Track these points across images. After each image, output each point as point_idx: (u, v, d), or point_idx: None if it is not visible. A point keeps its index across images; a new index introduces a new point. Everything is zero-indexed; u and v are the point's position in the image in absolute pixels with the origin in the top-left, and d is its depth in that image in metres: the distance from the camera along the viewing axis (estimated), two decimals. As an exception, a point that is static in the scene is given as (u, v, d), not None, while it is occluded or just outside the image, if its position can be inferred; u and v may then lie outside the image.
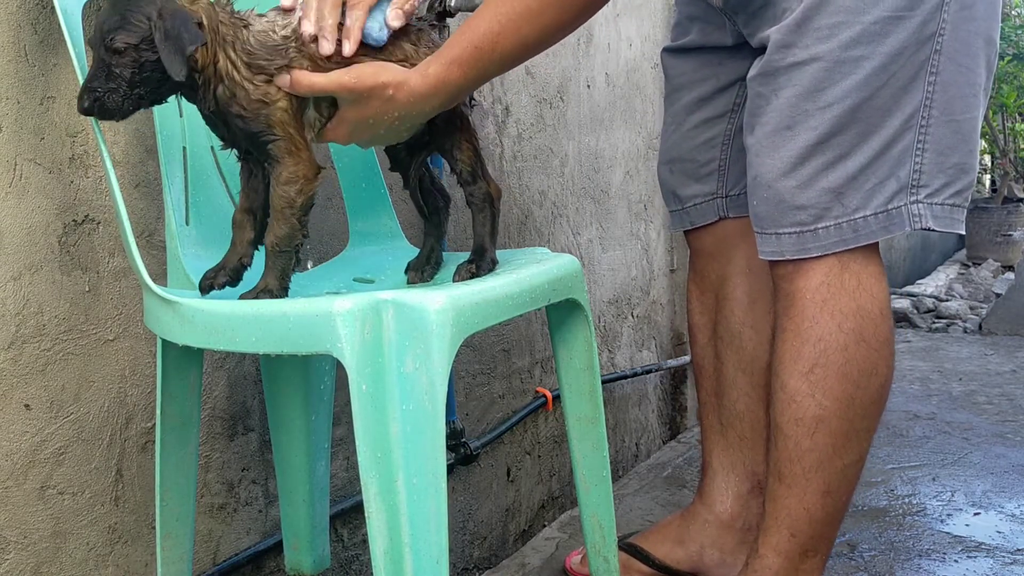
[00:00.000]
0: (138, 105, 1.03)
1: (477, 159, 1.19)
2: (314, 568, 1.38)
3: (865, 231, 1.23)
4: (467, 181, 1.19)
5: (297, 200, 1.08)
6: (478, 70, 1.10)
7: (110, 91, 1.00)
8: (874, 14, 1.19)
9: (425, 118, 1.14)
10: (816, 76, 1.20)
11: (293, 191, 1.07)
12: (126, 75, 1.00)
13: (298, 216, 1.08)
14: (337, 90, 1.08)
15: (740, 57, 1.41)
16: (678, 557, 1.58)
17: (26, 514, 1.11)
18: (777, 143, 1.24)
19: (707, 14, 1.47)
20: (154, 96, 1.05)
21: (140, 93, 1.02)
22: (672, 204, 1.59)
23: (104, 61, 1.00)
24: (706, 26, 1.48)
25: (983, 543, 1.80)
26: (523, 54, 1.14)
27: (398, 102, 1.09)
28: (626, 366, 2.42)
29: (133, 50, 1.00)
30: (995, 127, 6.76)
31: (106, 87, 1.00)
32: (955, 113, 1.23)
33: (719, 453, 1.58)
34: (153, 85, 1.02)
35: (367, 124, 1.11)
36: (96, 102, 1.00)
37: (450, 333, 0.96)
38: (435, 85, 1.09)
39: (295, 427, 1.33)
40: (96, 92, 1.00)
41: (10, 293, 1.09)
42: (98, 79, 1.00)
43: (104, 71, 1.00)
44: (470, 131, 1.19)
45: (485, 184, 1.20)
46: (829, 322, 1.24)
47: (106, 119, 1.02)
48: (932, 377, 3.14)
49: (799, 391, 1.26)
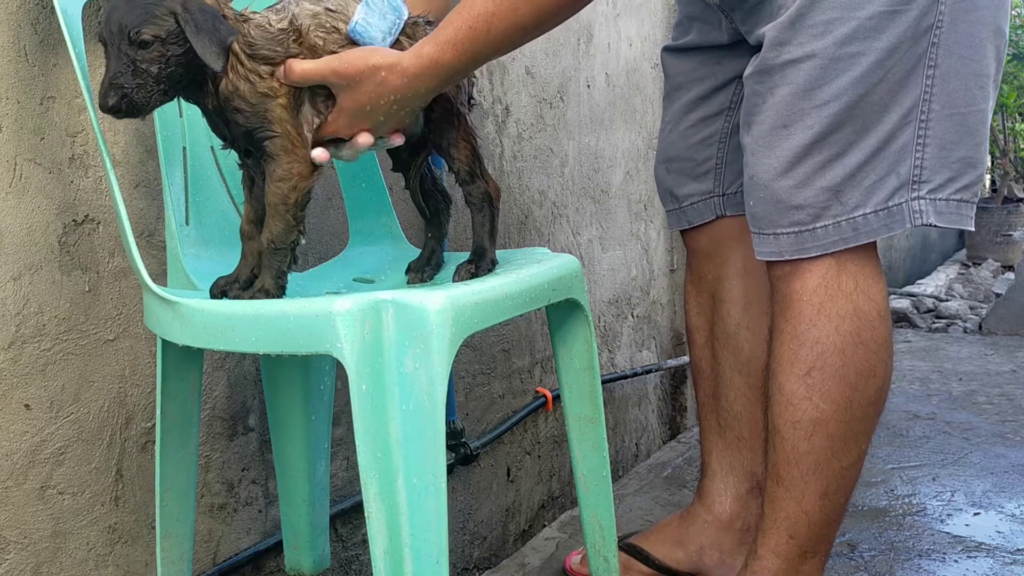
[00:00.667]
0: (161, 101, 1.02)
1: (475, 158, 1.19)
2: (314, 568, 1.38)
3: (865, 229, 1.22)
4: (465, 180, 1.19)
5: (291, 196, 1.07)
6: (472, 52, 1.09)
7: (138, 87, 0.98)
8: (869, 9, 1.18)
9: (423, 101, 1.12)
10: (812, 73, 1.20)
11: (287, 187, 1.07)
12: (153, 70, 0.99)
13: (293, 213, 1.08)
14: (328, 75, 1.07)
15: (737, 55, 1.41)
16: (678, 558, 1.58)
17: (26, 514, 1.11)
18: (773, 142, 1.23)
19: (705, 13, 1.47)
20: (171, 92, 1.04)
21: (164, 88, 1.01)
22: (669, 203, 1.58)
23: (127, 56, 0.98)
24: (704, 25, 1.48)
25: (983, 543, 1.80)
26: (518, 36, 1.12)
27: (392, 84, 1.08)
28: (626, 366, 2.42)
29: (160, 44, 0.99)
30: (995, 127, 6.76)
31: (133, 83, 0.98)
32: (959, 106, 1.22)
33: (718, 454, 1.58)
34: (175, 81, 1.02)
35: (364, 111, 1.10)
36: (124, 99, 0.98)
37: (450, 333, 0.96)
38: (428, 66, 1.08)
39: (295, 427, 1.33)
40: (124, 88, 0.97)
41: (10, 293, 1.09)
42: (124, 75, 0.98)
43: (129, 66, 0.98)
44: (467, 130, 1.19)
45: (484, 183, 1.19)
46: (826, 325, 1.24)
47: (131, 116, 1.00)
48: (932, 377, 3.14)
49: (796, 394, 1.25)
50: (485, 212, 1.19)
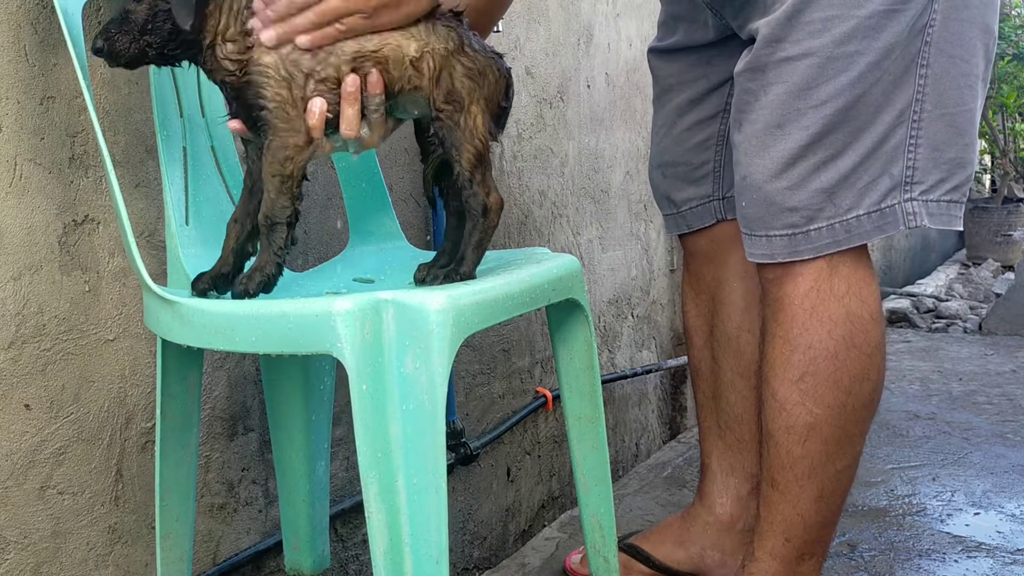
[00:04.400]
0: (144, 54, 1.05)
1: (479, 164, 1.12)
2: (314, 568, 1.38)
3: (858, 231, 1.21)
4: (463, 186, 1.12)
5: (286, 168, 1.06)
6: None
7: (123, 34, 1.04)
8: (869, 8, 1.16)
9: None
10: (808, 73, 1.18)
11: (281, 158, 1.06)
12: (139, 21, 1.04)
13: (289, 186, 1.07)
14: None
15: (728, 54, 1.38)
16: (679, 558, 1.58)
17: (26, 514, 1.11)
18: (767, 142, 1.21)
19: (690, 11, 1.44)
20: (160, 50, 1.06)
21: (148, 41, 1.05)
22: (666, 208, 1.56)
23: (124, 8, 1.04)
24: (690, 25, 1.45)
25: (983, 543, 1.80)
26: None
27: None
28: (626, 366, 2.42)
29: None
30: (995, 127, 6.75)
31: (120, 30, 1.04)
32: (949, 106, 1.20)
33: (718, 455, 1.57)
34: (163, 36, 1.05)
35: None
36: (107, 42, 1.03)
37: (450, 333, 0.96)
38: None
39: (295, 427, 1.33)
40: (110, 33, 1.04)
41: (10, 293, 1.09)
42: (115, 23, 1.04)
43: (122, 15, 1.04)
44: (475, 133, 1.12)
45: (482, 193, 1.12)
46: (819, 329, 1.22)
47: (113, 62, 1.05)
48: (932, 377, 3.14)
49: (789, 399, 1.24)
50: (477, 222, 1.12)
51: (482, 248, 1.12)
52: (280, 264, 1.08)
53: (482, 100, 1.13)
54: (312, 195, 1.49)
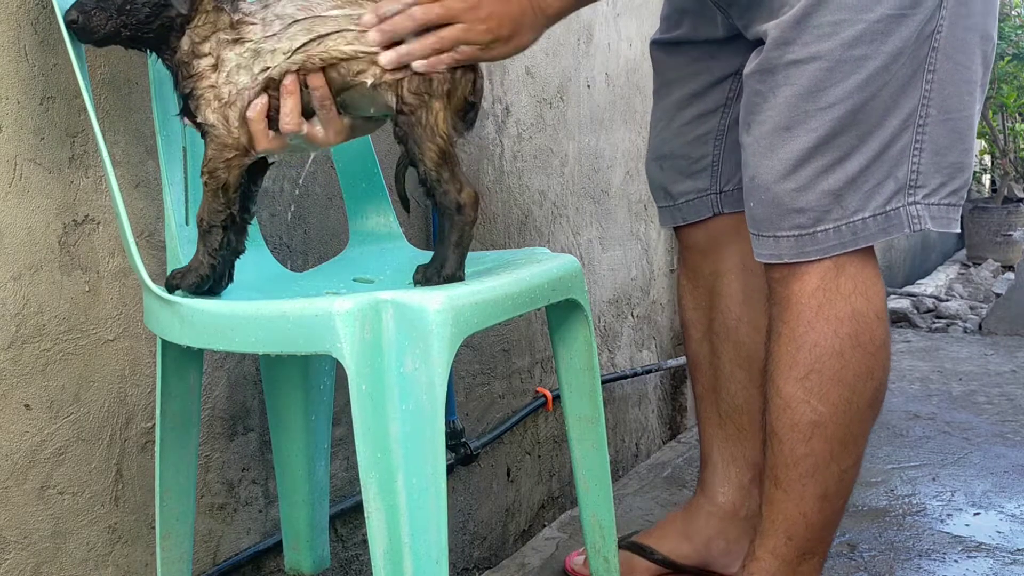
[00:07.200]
0: (117, 33, 1.05)
1: (443, 162, 1.07)
2: (314, 568, 1.38)
3: (864, 233, 1.22)
4: (432, 186, 1.07)
5: (219, 177, 1.07)
6: None
7: (98, 11, 1.03)
8: (878, 12, 1.17)
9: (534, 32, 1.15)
10: (816, 76, 1.19)
11: (212, 167, 1.07)
12: (119, 1, 1.03)
13: (225, 191, 1.08)
14: None
15: (732, 50, 1.39)
16: (684, 552, 1.58)
17: (26, 514, 1.11)
18: (775, 144, 1.22)
19: (698, 7, 1.44)
20: (135, 32, 1.05)
21: (124, 22, 1.04)
22: (662, 200, 1.57)
23: None
24: (697, 19, 1.46)
25: (983, 543, 1.80)
26: None
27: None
28: (626, 366, 2.42)
29: None
30: (995, 127, 6.75)
31: (96, 5, 1.03)
32: (952, 111, 1.22)
33: (718, 445, 1.57)
34: (139, 19, 1.04)
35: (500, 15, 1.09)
36: (83, 15, 1.03)
37: (450, 333, 0.96)
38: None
39: (295, 427, 1.33)
40: (85, 6, 1.03)
41: (10, 293, 1.09)
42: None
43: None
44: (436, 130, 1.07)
45: (453, 190, 1.07)
46: (824, 327, 1.23)
47: (85, 39, 1.05)
48: (932, 377, 3.14)
49: (794, 397, 1.25)
50: (454, 221, 1.08)
51: (463, 246, 1.08)
52: (214, 266, 1.09)
53: (444, 96, 1.08)
54: (312, 195, 1.50)
